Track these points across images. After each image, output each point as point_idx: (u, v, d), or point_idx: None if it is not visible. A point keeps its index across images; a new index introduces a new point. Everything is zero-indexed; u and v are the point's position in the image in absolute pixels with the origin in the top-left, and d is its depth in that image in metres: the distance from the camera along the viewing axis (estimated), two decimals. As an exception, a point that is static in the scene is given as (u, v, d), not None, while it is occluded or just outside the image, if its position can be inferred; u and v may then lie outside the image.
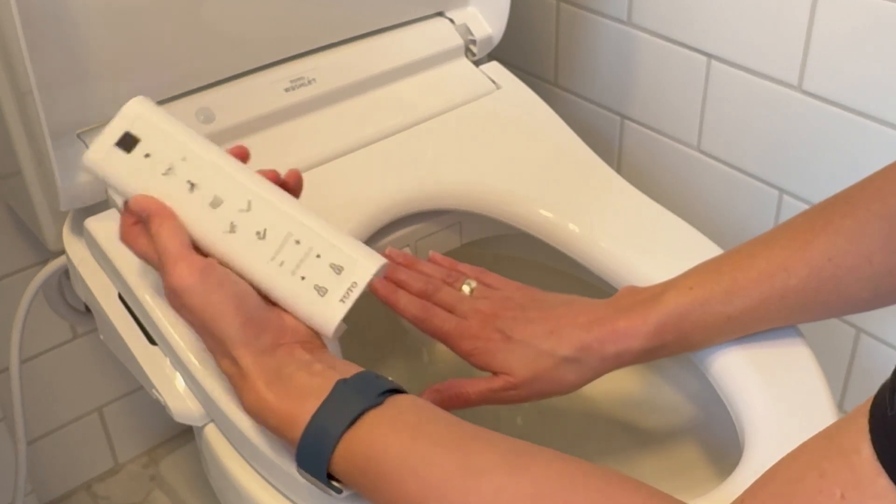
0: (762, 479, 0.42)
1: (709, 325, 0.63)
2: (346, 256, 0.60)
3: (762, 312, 0.62)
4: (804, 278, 0.60)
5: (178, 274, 0.56)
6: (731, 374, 0.64)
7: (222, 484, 0.66)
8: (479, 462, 0.48)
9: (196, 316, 0.56)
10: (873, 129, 0.84)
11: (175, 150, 0.60)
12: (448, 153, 0.83)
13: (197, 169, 0.60)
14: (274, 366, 0.55)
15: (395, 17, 0.90)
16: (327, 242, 0.60)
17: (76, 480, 1.14)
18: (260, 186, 0.61)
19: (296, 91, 0.83)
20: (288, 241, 0.59)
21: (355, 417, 0.51)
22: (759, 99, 0.92)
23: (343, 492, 0.53)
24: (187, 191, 0.60)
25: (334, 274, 0.59)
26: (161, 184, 0.60)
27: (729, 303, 0.62)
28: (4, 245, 0.94)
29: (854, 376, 0.97)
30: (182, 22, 0.76)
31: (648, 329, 0.63)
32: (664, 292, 0.64)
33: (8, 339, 0.91)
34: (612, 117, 1.08)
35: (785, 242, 0.62)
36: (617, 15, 1.01)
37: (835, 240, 0.60)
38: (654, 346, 0.63)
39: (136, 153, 0.60)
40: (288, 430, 0.53)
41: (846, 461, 0.36)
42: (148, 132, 0.60)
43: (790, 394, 0.62)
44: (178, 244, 0.57)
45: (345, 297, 0.59)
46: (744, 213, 0.99)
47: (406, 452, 0.50)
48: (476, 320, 0.66)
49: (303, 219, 0.60)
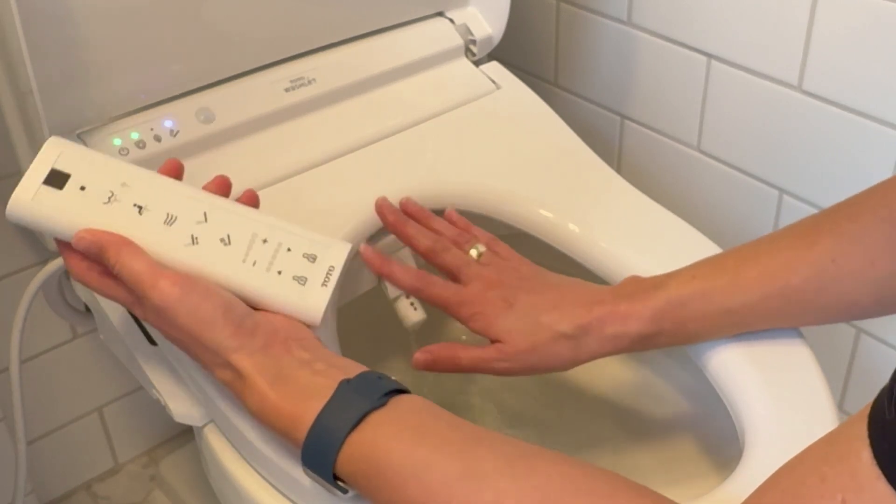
0: (765, 485, 0.42)
1: (708, 317, 0.63)
2: (316, 244, 0.60)
3: (762, 310, 0.62)
4: (807, 278, 0.60)
5: (160, 291, 0.54)
6: (731, 373, 0.64)
7: (222, 484, 0.66)
8: (482, 467, 0.48)
9: (185, 331, 0.55)
10: (873, 129, 0.84)
11: (112, 178, 0.58)
12: (448, 153, 0.83)
13: (141, 192, 0.58)
14: (274, 366, 0.54)
15: (395, 17, 0.90)
16: (294, 235, 0.60)
17: (76, 480, 1.14)
18: (210, 198, 0.60)
19: (296, 91, 0.83)
20: (255, 242, 0.59)
21: (359, 419, 0.51)
22: (759, 99, 0.92)
23: (349, 492, 0.53)
24: (136, 214, 0.58)
25: (309, 263, 0.59)
26: (105, 213, 0.57)
27: (730, 296, 0.62)
28: (4, 245, 0.94)
29: (854, 376, 0.97)
30: (182, 22, 0.76)
31: (647, 314, 0.63)
32: (667, 281, 0.64)
33: (8, 339, 0.90)
34: (612, 117, 1.08)
35: (790, 242, 0.62)
36: (617, 15, 1.01)
37: (839, 241, 0.60)
38: (652, 331, 0.63)
39: (70, 188, 0.57)
40: (292, 431, 0.53)
41: (846, 466, 0.37)
42: (76, 166, 0.58)
43: (790, 394, 0.62)
44: (146, 264, 0.56)
45: (325, 282, 0.59)
46: (744, 213, 0.99)
47: (408, 456, 0.50)
48: (479, 285, 0.67)
49: (262, 220, 0.60)
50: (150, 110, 0.77)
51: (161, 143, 0.76)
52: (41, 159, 0.57)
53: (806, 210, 0.93)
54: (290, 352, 0.56)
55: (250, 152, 0.80)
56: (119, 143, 0.75)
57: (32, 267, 0.97)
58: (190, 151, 0.77)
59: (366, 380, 0.53)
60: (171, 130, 0.77)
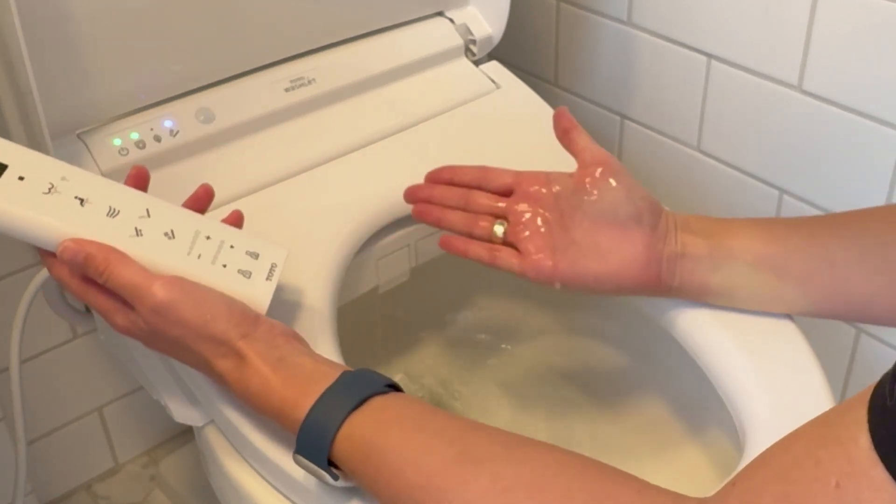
0: (755, 464, 0.42)
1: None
2: (257, 244, 0.61)
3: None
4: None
5: (161, 289, 0.55)
6: (731, 373, 0.64)
7: (222, 484, 0.66)
8: (478, 452, 0.49)
9: (190, 325, 0.55)
10: (873, 129, 0.84)
11: (51, 171, 0.58)
12: (448, 153, 0.83)
13: (82, 185, 0.58)
14: (276, 353, 0.55)
15: (394, 17, 0.90)
16: (235, 235, 0.61)
17: (76, 480, 1.14)
18: (151, 198, 0.60)
19: (296, 91, 0.83)
20: (199, 238, 0.60)
21: (362, 400, 0.52)
22: (759, 99, 0.92)
23: (339, 479, 0.53)
24: (78, 205, 0.58)
25: (252, 259, 0.60)
26: (46, 203, 0.57)
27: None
28: (4, 245, 0.94)
29: (854, 376, 0.97)
30: (182, 22, 0.76)
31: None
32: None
33: (8, 339, 0.90)
34: (612, 117, 1.08)
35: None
36: (617, 15, 1.01)
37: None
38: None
39: (8, 178, 0.57)
40: (291, 412, 0.53)
41: (843, 450, 0.36)
42: (13, 157, 0.58)
43: (790, 394, 0.62)
44: (138, 269, 0.56)
45: (269, 276, 0.60)
46: (744, 213, 0.99)
47: (408, 440, 0.50)
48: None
49: (204, 219, 0.61)
50: (149, 110, 0.77)
51: (161, 143, 0.76)
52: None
53: (806, 210, 0.93)
54: (290, 343, 0.57)
55: (250, 152, 0.80)
56: (119, 143, 0.75)
57: (32, 267, 0.97)
58: (190, 151, 0.77)
59: (368, 372, 0.55)
60: (170, 130, 0.77)
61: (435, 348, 0.95)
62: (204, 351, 0.56)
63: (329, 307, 0.68)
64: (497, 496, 0.46)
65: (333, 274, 0.70)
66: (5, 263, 0.95)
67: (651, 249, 0.64)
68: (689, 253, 0.64)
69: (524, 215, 0.67)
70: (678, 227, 0.64)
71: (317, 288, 0.68)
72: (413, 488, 0.49)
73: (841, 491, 0.36)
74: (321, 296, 0.68)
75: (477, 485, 0.47)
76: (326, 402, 0.52)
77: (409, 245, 0.81)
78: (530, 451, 0.49)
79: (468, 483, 0.47)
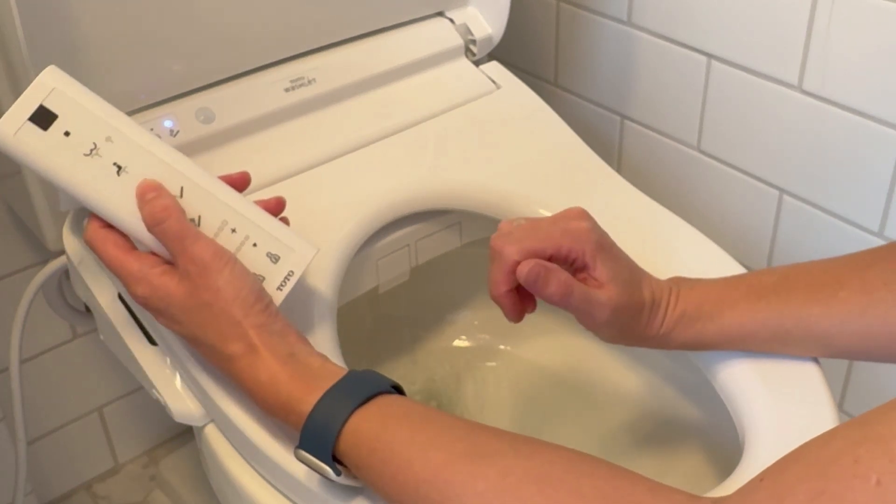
0: (786, 461, 0.41)
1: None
2: (282, 246, 0.60)
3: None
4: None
5: (210, 245, 0.56)
6: (731, 374, 0.64)
7: (222, 484, 0.66)
8: (486, 447, 0.49)
9: (221, 293, 0.55)
10: (873, 129, 0.84)
11: (98, 130, 0.57)
12: (448, 153, 0.83)
13: (124, 151, 0.57)
14: (287, 349, 0.56)
15: (395, 17, 0.90)
16: (263, 232, 0.60)
17: (76, 480, 1.14)
18: (193, 172, 0.59)
19: (296, 91, 0.83)
20: (224, 229, 0.59)
21: (369, 397, 0.52)
22: (759, 99, 0.92)
23: (341, 474, 0.53)
24: (114, 174, 0.57)
25: (271, 263, 0.60)
26: (83, 165, 0.56)
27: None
28: (4, 245, 0.94)
29: (854, 376, 0.97)
30: (182, 21, 0.76)
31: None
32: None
33: (8, 339, 0.91)
34: (612, 117, 1.08)
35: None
36: (617, 15, 1.01)
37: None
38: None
39: (54, 130, 0.56)
40: (297, 405, 0.53)
41: (885, 449, 0.36)
42: (66, 108, 0.57)
43: (791, 394, 0.62)
44: (192, 226, 0.57)
45: (282, 286, 0.60)
46: (744, 212, 0.99)
47: (415, 434, 0.51)
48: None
49: (238, 207, 0.60)
50: (150, 110, 0.77)
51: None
52: (34, 89, 0.56)
53: (806, 210, 0.93)
54: (301, 342, 0.57)
55: (250, 152, 0.80)
56: (119, 143, 0.75)
57: (32, 267, 0.97)
58: (190, 151, 0.77)
59: (373, 373, 0.55)
60: (171, 130, 0.77)
61: (435, 348, 0.95)
62: (219, 326, 0.56)
63: (329, 307, 0.68)
64: (507, 490, 0.46)
65: (333, 274, 0.70)
66: (5, 263, 0.95)
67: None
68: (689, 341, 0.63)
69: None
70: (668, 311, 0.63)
71: (317, 288, 0.68)
72: (420, 482, 0.49)
73: (882, 489, 0.35)
74: (321, 296, 0.68)
75: (486, 478, 0.47)
76: (333, 397, 0.53)
77: (409, 245, 0.81)
78: (538, 448, 0.49)
79: (477, 477, 0.47)
